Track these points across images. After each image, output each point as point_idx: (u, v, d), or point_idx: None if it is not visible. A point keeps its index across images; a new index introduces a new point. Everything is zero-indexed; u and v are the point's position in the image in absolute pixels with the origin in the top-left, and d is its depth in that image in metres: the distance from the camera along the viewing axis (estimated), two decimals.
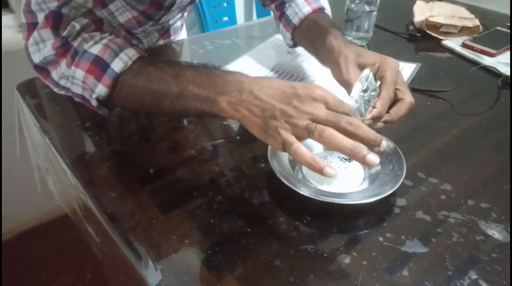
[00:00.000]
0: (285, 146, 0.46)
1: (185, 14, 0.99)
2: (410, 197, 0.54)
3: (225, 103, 0.49)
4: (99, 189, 0.54)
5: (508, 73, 0.82)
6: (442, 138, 0.66)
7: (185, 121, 0.67)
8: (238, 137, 0.64)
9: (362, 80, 0.55)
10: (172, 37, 0.97)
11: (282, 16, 0.80)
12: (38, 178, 0.80)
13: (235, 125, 0.67)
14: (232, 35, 1.01)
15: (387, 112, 0.56)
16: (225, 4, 1.67)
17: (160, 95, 0.53)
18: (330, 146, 0.45)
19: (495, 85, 0.81)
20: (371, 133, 0.46)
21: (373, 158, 0.45)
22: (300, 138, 0.47)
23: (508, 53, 0.92)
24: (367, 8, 0.92)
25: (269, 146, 0.55)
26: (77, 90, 0.57)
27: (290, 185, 0.50)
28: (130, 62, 0.54)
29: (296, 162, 0.57)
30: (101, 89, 0.55)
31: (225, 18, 1.69)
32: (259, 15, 1.91)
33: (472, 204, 0.53)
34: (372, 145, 0.46)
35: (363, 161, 0.45)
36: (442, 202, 0.53)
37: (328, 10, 0.78)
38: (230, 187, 0.55)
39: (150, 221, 0.49)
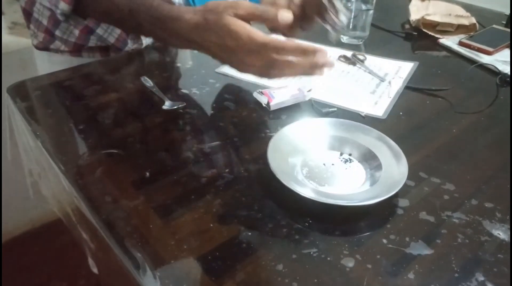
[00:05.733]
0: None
1: None
2: (413, 197, 0.53)
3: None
4: (93, 194, 0.52)
5: (506, 71, 0.82)
6: (442, 137, 0.65)
7: (180, 123, 0.66)
8: (235, 138, 0.63)
9: None
10: None
11: None
12: (30, 182, 0.78)
13: (232, 126, 0.66)
14: None
15: None
16: None
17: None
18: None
19: (493, 83, 0.80)
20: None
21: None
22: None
23: (506, 50, 0.91)
24: (364, 7, 0.91)
25: (268, 147, 0.54)
26: (45, 3, 0.75)
27: (290, 187, 0.49)
28: None
29: (295, 163, 0.56)
30: (63, 6, 0.69)
31: None
32: None
33: (475, 204, 0.52)
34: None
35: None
36: (445, 202, 0.52)
37: None
38: (229, 190, 0.53)
39: (147, 226, 0.48)
